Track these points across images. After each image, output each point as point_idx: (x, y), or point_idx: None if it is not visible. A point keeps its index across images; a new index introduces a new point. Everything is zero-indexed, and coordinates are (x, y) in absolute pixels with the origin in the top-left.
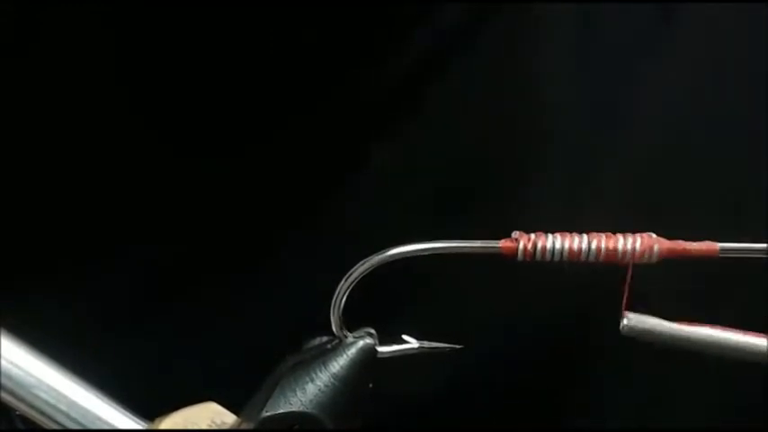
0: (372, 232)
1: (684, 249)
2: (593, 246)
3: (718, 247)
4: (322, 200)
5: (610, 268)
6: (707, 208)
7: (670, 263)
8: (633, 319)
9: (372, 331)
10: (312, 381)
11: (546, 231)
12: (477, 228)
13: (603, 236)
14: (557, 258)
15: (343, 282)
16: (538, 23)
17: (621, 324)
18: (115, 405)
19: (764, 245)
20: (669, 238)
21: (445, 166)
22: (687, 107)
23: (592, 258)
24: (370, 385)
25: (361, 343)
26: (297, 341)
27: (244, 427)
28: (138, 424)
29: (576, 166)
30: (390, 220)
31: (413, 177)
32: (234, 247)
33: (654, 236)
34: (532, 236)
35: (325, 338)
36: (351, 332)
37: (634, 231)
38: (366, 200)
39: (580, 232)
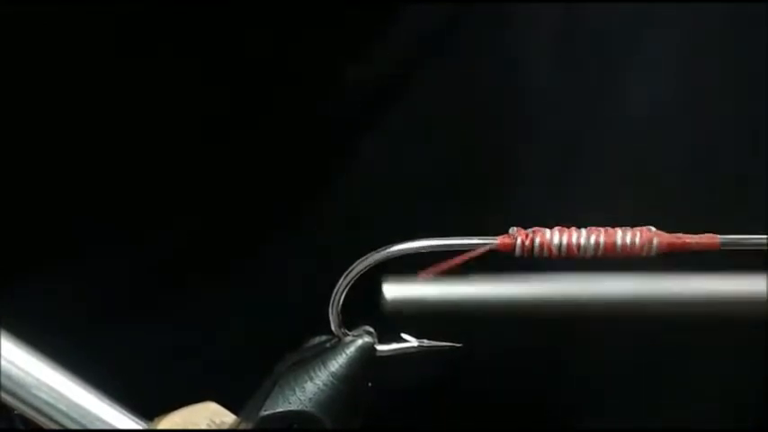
0: (363, 229)
1: (684, 243)
2: (592, 240)
3: (718, 240)
4: (311, 198)
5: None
6: (695, 195)
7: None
8: (393, 288)
9: (371, 330)
10: (311, 379)
11: (533, 225)
12: (465, 223)
13: (602, 230)
14: (555, 254)
15: (341, 280)
16: (522, 18)
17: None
18: (115, 405)
19: (765, 236)
20: (665, 230)
21: (431, 162)
22: (671, 97)
23: (590, 253)
24: (369, 384)
25: (360, 341)
26: (296, 340)
27: (243, 426)
28: (138, 424)
29: (561, 158)
30: (379, 216)
31: (398, 173)
32: (231, 244)
33: (653, 229)
34: (530, 231)
35: (324, 337)
36: (350, 330)
37: (632, 225)
38: (354, 196)
39: (578, 227)
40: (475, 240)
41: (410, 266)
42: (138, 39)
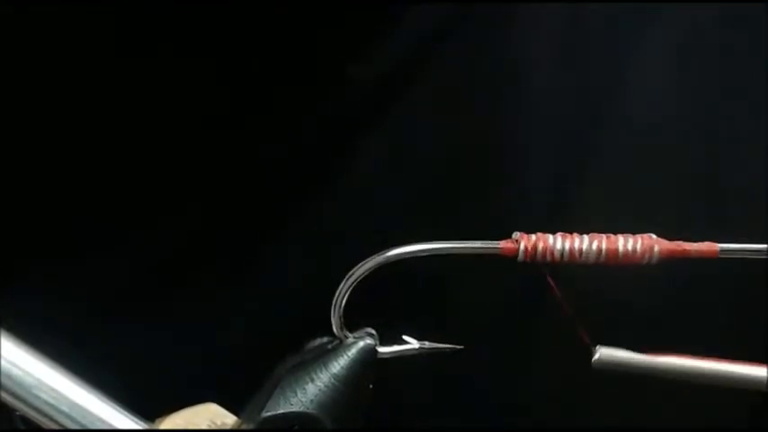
0: (363, 229)
1: (684, 250)
2: (594, 246)
3: (717, 248)
4: (311, 198)
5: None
6: (694, 194)
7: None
8: (604, 354)
9: (373, 332)
10: (312, 381)
11: (534, 228)
12: (464, 225)
13: (604, 237)
14: (557, 259)
15: (343, 283)
16: (522, 18)
17: (593, 359)
18: (115, 405)
19: (764, 245)
20: (661, 234)
21: (431, 162)
22: (672, 97)
23: (592, 259)
24: (371, 386)
25: (361, 343)
26: (296, 340)
27: (244, 427)
28: (139, 424)
29: (562, 158)
30: (379, 216)
31: (398, 173)
32: (231, 244)
33: (654, 237)
34: (533, 237)
35: (325, 339)
36: (351, 332)
37: (627, 230)
38: (354, 196)
39: (580, 233)
40: (478, 244)
41: (411, 267)
42: (138, 39)
